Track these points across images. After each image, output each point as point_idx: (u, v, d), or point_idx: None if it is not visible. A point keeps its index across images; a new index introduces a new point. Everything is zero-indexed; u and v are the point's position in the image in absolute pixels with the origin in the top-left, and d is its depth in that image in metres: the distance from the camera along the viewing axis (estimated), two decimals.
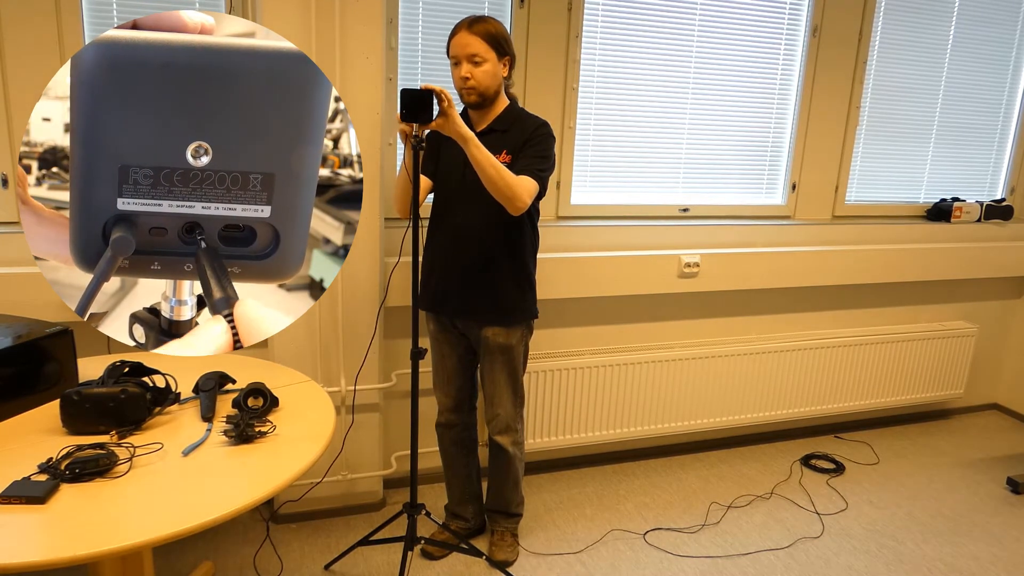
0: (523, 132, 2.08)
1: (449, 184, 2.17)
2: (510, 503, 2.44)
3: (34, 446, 1.52)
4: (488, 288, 2.16)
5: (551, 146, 2.09)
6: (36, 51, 2.19)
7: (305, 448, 1.58)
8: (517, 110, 2.14)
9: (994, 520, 2.82)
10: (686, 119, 2.97)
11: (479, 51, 2.00)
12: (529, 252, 2.20)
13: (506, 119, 2.12)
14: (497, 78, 2.06)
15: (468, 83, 2.03)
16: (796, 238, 3.19)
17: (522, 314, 2.21)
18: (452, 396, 2.36)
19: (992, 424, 3.76)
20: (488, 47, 2.01)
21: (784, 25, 3.00)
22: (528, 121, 2.10)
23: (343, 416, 2.55)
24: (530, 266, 2.21)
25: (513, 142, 2.09)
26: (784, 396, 3.25)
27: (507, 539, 2.44)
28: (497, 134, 2.11)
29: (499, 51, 2.04)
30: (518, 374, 2.27)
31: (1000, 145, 3.58)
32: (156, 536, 1.25)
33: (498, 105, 2.12)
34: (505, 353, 2.22)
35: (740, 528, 2.68)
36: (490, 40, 2.01)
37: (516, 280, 2.18)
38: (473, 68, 2.02)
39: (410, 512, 2.20)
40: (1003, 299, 3.76)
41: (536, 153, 2.06)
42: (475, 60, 2.01)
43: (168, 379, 1.85)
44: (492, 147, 2.09)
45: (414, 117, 1.87)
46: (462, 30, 2.01)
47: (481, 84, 2.04)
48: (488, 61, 2.02)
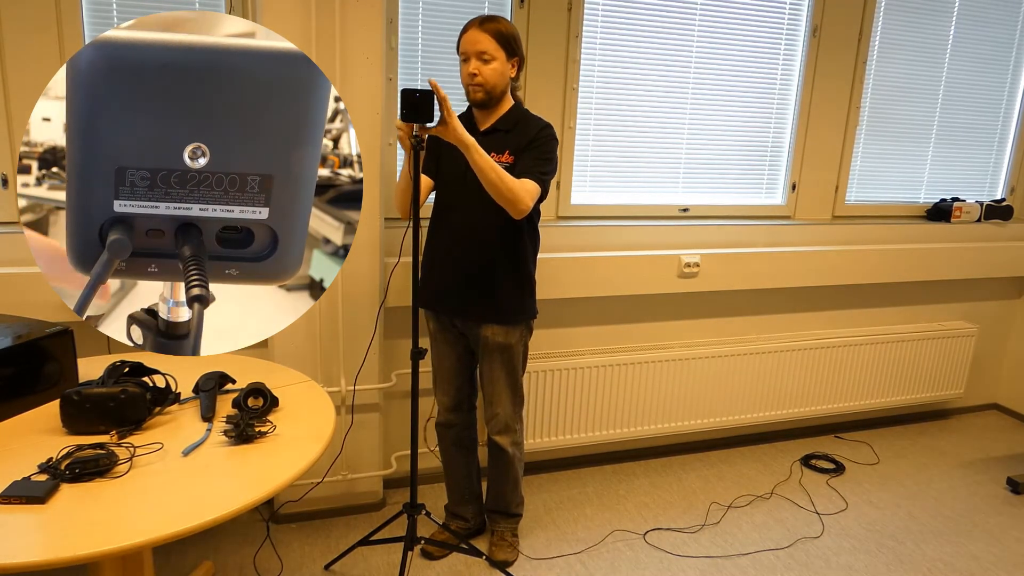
0: (527, 133, 2.09)
1: (450, 184, 2.17)
2: (510, 503, 2.44)
3: (34, 446, 1.52)
4: (487, 288, 2.16)
5: (554, 148, 2.09)
6: (36, 51, 2.19)
7: (305, 448, 1.58)
8: (522, 111, 2.14)
9: (994, 520, 2.82)
10: (686, 119, 2.97)
11: (488, 49, 2.01)
12: (529, 253, 2.20)
13: (510, 119, 2.12)
14: (504, 77, 2.07)
15: (476, 80, 2.04)
16: (796, 238, 3.19)
17: (521, 314, 2.21)
18: (451, 396, 2.36)
19: (992, 424, 3.76)
20: (498, 46, 2.02)
21: (784, 25, 3.00)
22: (532, 122, 2.11)
23: (343, 416, 2.55)
24: (530, 266, 2.21)
25: (516, 143, 2.09)
26: (784, 396, 3.25)
27: (507, 539, 2.44)
28: (500, 134, 2.11)
29: (508, 51, 2.04)
30: (517, 374, 2.27)
31: (1000, 145, 3.58)
32: (156, 536, 1.25)
33: (503, 105, 2.13)
34: (504, 353, 2.22)
35: (740, 528, 2.68)
36: (500, 39, 2.02)
37: (515, 280, 2.18)
38: (482, 65, 2.03)
39: (410, 512, 2.20)
40: (1003, 299, 3.76)
41: (539, 155, 2.07)
42: (484, 58, 2.02)
43: (168, 379, 1.86)
44: (495, 147, 2.10)
45: (415, 117, 1.86)
46: (473, 27, 2.02)
47: (488, 82, 2.04)
48: (497, 60, 2.03)
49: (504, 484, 2.40)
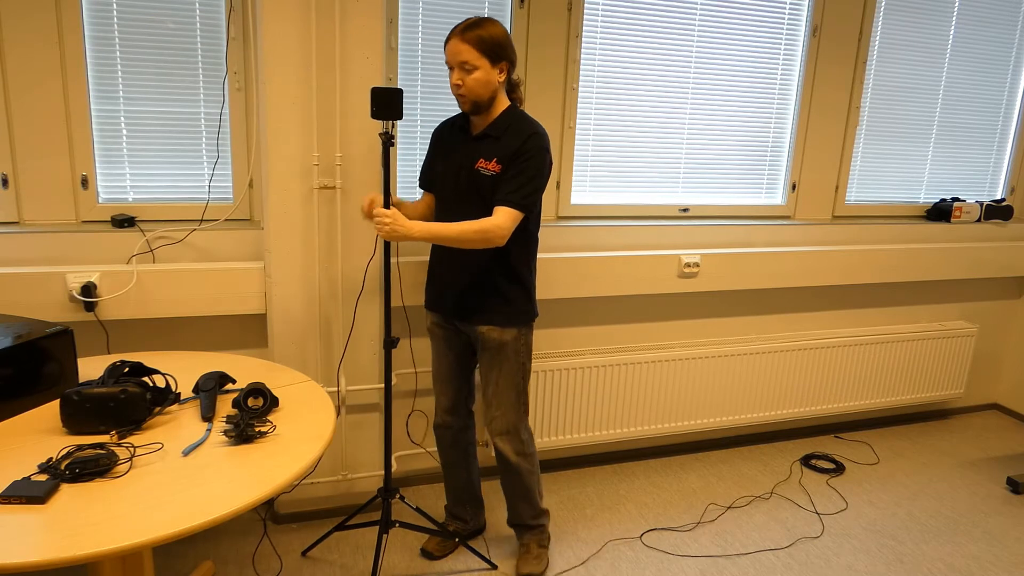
0: (514, 142, 2.03)
1: (444, 190, 2.17)
2: (523, 516, 2.37)
3: (34, 446, 1.52)
4: (482, 289, 2.15)
5: (539, 163, 2.03)
6: (36, 51, 2.19)
7: (305, 448, 1.58)
8: (515, 115, 2.08)
9: (994, 520, 2.82)
10: (686, 119, 2.97)
11: (469, 59, 1.97)
12: (523, 255, 2.16)
13: (501, 125, 2.07)
14: (490, 85, 2.01)
15: (460, 90, 2.01)
16: (796, 238, 3.19)
17: (516, 316, 2.18)
18: (449, 396, 2.35)
19: (992, 424, 3.76)
20: (479, 54, 1.97)
21: (784, 25, 3.00)
22: (521, 130, 2.04)
23: (343, 416, 2.55)
24: (525, 269, 2.17)
25: (504, 151, 2.04)
26: (784, 396, 3.25)
27: (532, 551, 2.38)
28: (490, 140, 2.07)
29: (492, 57, 1.98)
30: (516, 377, 2.22)
31: (1000, 145, 3.58)
32: (156, 536, 1.25)
33: (496, 109, 2.08)
34: (500, 351, 2.19)
35: (740, 528, 2.68)
36: (482, 47, 1.96)
37: (510, 282, 2.15)
38: (464, 75, 1.99)
39: (384, 497, 2.23)
40: (1003, 299, 3.76)
41: (522, 173, 2.01)
42: (466, 67, 1.98)
43: (168, 379, 1.86)
44: (484, 153, 2.07)
45: (385, 115, 1.98)
46: (454, 36, 1.98)
47: (472, 92, 2.00)
48: (480, 68, 1.98)
49: (513, 497, 2.34)
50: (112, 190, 2.38)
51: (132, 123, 2.34)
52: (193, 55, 2.35)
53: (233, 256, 2.44)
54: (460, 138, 2.14)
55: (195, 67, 2.36)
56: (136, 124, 2.35)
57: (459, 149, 2.13)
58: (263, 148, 2.28)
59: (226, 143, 2.45)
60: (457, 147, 2.14)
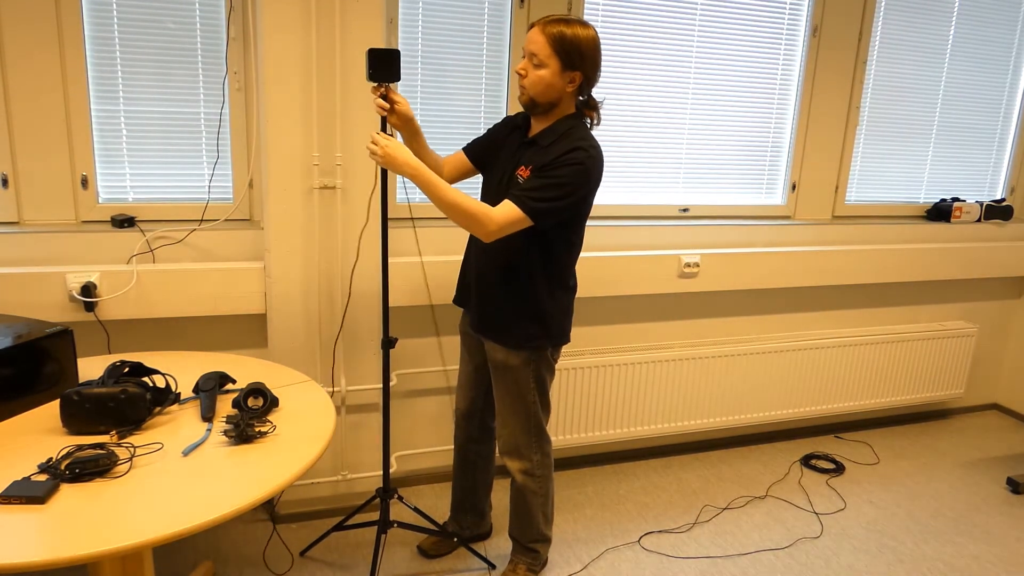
0: (554, 152, 1.86)
1: (488, 184, 2.08)
2: (521, 535, 2.26)
3: (34, 446, 1.52)
4: (490, 301, 2.04)
5: (575, 174, 1.83)
6: (36, 52, 2.19)
7: (305, 448, 1.58)
8: (569, 127, 1.90)
9: (994, 520, 2.82)
10: (686, 119, 2.96)
11: (539, 53, 1.82)
12: (545, 282, 1.98)
13: (552, 134, 1.90)
14: (552, 88, 1.85)
15: (521, 80, 1.88)
16: (796, 238, 3.19)
17: (525, 340, 2.01)
18: (466, 403, 2.29)
19: (992, 424, 3.76)
20: (552, 52, 1.81)
21: (784, 25, 3.00)
22: (569, 143, 1.86)
23: (343, 416, 2.55)
24: (545, 295, 1.99)
25: (541, 160, 1.88)
26: (784, 396, 3.25)
27: (518, 572, 2.27)
28: (536, 148, 1.91)
29: (565, 61, 1.82)
30: (526, 400, 2.07)
31: (1000, 145, 3.58)
32: (156, 536, 1.25)
33: (554, 116, 1.91)
34: (505, 373, 2.06)
35: (740, 528, 2.68)
36: (557, 45, 1.80)
37: (525, 303, 1.99)
38: (529, 67, 1.85)
39: (383, 497, 2.22)
40: (1003, 299, 3.76)
41: (547, 177, 1.83)
42: (534, 60, 1.84)
43: (168, 379, 1.86)
44: (525, 160, 1.93)
45: (382, 76, 1.91)
46: (537, 24, 1.83)
47: (531, 87, 1.86)
48: (547, 67, 1.83)
49: (515, 513, 2.25)
50: (112, 190, 2.38)
51: (132, 123, 2.34)
52: (193, 55, 2.35)
53: (233, 256, 2.44)
54: (516, 137, 2.02)
55: (195, 67, 2.36)
56: (136, 124, 2.35)
57: (510, 149, 2.02)
58: (263, 148, 2.28)
59: (226, 143, 2.45)
60: (510, 146, 2.03)
